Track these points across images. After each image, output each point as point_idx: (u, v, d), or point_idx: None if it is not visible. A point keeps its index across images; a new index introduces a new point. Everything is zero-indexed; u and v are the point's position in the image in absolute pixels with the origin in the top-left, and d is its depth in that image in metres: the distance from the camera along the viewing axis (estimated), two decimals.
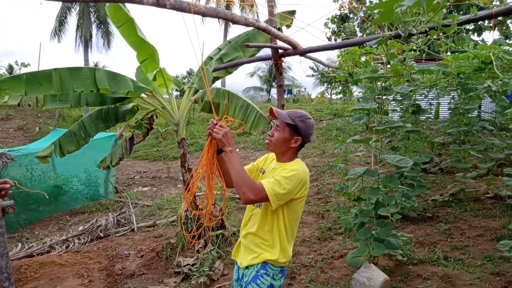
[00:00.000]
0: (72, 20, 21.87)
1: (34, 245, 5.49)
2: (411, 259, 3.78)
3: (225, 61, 4.81)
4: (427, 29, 2.36)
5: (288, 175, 1.84)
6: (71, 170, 7.61)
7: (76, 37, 21.90)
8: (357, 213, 3.48)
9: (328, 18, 14.03)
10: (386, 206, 3.24)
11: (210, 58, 5.04)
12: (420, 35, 3.12)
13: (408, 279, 3.45)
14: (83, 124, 5.05)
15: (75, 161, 7.31)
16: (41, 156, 5.08)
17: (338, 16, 12.52)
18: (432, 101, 6.21)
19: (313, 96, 27.89)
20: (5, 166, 5.77)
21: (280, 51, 3.55)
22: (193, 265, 4.20)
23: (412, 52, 4.08)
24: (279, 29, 4.28)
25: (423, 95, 6.18)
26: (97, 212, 7.01)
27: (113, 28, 22.81)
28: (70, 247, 5.36)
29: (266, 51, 4.18)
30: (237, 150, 11.93)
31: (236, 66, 4.42)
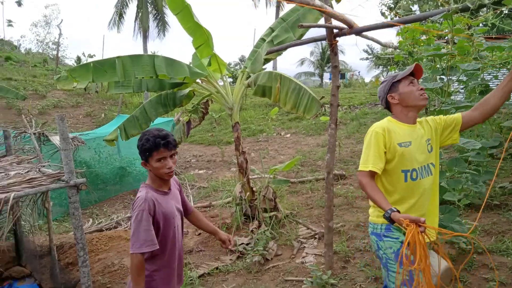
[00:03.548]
0: (130, 11, 22.98)
1: (103, 221, 5.99)
2: (476, 248, 3.57)
3: (275, 43, 4.78)
4: None
5: None
6: (133, 153, 8.10)
7: (134, 28, 23.06)
8: None
9: None
10: (452, 191, 3.06)
11: (262, 40, 5.03)
12: (493, 6, 2.87)
13: (472, 268, 3.27)
14: (144, 109, 5.34)
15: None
16: (108, 140, 5.47)
17: None
18: None
19: (367, 80, 26.76)
20: (76, 148, 6.30)
21: (335, 30, 3.45)
22: (247, 244, 4.33)
23: (481, 26, 3.76)
24: (330, 5, 4.15)
25: (493, 76, 5.68)
26: None
27: (168, 18, 23.66)
28: None
29: (319, 32, 4.08)
30: (288, 135, 11.92)
31: (288, 48, 4.38)
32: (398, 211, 1.74)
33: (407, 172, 1.95)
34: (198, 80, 5.15)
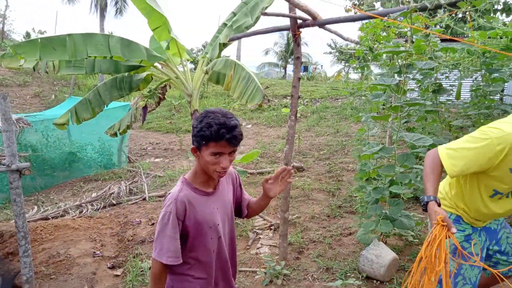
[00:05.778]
0: None
1: (49, 209, 5.64)
2: (422, 240, 3.75)
3: (234, 28, 4.69)
4: None
5: None
6: (85, 138, 7.70)
7: (91, 4, 21.80)
8: (371, 190, 3.44)
9: None
10: (400, 184, 3.18)
11: (224, 24, 4.90)
12: (448, 8, 2.96)
13: None
14: (98, 92, 5.05)
15: (89, 129, 7.39)
16: (58, 123, 5.12)
17: None
18: (453, 83, 6.00)
19: (329, 75, 27.31)
20: (22, 131, 5.86)
21: (298, 21, 3.42)
22: None
23: (438, 27, 3.90)
24: None
25: (445, 76, 5.97)
26: (110, 180, 7.13)
27: None
28: (84, 212, 5.48)
29: (283, 22, 4.03)
30: (249, 126, 11.90)
31: (251, 35, 4.30)
32: (438, 202, 1.69)
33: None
34: (156, 64, 4.93)
